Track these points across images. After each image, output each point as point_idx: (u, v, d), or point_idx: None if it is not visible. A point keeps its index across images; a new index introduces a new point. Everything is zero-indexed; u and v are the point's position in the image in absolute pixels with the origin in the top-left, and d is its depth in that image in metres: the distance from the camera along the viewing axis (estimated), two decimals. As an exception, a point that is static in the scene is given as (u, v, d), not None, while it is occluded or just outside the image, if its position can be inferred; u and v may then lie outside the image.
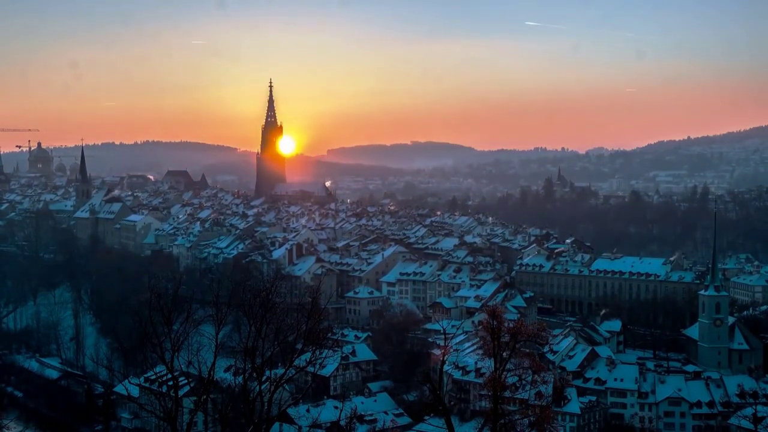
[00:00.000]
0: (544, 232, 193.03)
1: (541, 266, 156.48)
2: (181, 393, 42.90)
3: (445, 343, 62.50)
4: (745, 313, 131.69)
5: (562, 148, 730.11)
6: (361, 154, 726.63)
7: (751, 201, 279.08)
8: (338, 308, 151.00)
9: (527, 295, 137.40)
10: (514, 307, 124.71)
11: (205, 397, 37.01)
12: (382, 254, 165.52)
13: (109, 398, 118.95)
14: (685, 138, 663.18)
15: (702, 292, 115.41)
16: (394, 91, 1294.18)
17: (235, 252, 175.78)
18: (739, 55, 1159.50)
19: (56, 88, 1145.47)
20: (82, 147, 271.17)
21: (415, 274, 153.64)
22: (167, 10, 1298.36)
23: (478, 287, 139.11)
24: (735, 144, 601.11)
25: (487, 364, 52.14)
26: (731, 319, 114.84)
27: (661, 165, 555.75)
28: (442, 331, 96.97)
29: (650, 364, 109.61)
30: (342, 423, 74.48)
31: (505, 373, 45.73)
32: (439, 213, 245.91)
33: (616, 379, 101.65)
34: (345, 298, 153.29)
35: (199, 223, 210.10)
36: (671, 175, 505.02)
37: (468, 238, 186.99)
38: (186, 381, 50.53)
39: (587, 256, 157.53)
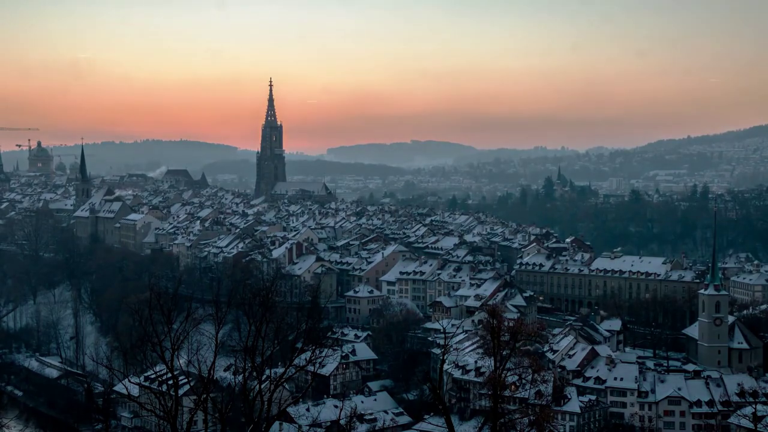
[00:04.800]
0: (544, 231, 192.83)
1: (541, 265, 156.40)
2: (181, 392, 42.93)
3: (445, 342, 62.43)
4: (744, 312, 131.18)
5: (562, 147, 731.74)
6: (361, 153, 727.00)
7: (751, 200, 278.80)
8: (338, 307, 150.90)
9: (527, 294, 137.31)
10: (514, 306, 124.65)
11: (205, 396, 37.00)
12: (382, 253, 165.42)
13: (109, 397, 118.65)
14: (685, 137, 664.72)
15: (702, 291, 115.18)
16: (394, 89, 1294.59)
17: (235, 251, 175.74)
18: (740, 55, 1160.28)
19: (56, 87, 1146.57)
20: (82, 146, 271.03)
21: (415, 273, 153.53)
22: (167, 9, 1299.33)
23: (478, 286, 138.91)
24: (735, 143, 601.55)
25: (487, 363, 52.19)
26: (731, 318, 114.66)
27: (661, 164, 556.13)
28: (442, 331, 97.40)
29: (650, 363, 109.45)
30: (342, 422, 74.53)
31: (505, 372, 45.78)
32: (439, 212, 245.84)
33: (616, 378, 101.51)
34: (345, 297, 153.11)
35: (199, 222, 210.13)
36: (671, 174, 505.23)
37: (468, 237, 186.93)
38: (186, 380, 50.59)
39: (587, 256, 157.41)
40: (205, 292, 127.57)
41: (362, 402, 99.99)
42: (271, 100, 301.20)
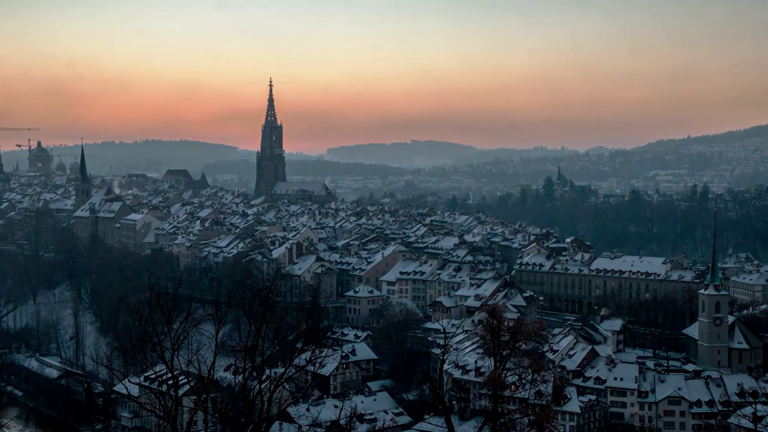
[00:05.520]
0: (544, 231, 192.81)
1: (541, 265, 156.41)
2: (181, 392, 42.91)
3: (445, 342, 62.44)
4: (744, 312, 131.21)
5: (562, 147, 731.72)
6: (361, 153, 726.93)
7: (751, 200, 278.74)
8: (338, 307, 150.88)
9: (527, 294, 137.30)
10: (515, 306, 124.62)
11: (205, 396, 36.99)
12: (382, 253, 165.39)
13: (109, 397, 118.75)
14: (685, 137, 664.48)
15: (702, 291, 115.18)
16: (394, 89, 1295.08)
17: (235, 251, 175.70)
18: (740, 55, 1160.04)
19: (56, 87, 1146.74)
20: (82, 146, 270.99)
21: (415, 273, 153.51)
22: (167, 9, 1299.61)
23: (478, 286, 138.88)
24: (735, 143, 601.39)
25: (487, 363, 52.22)
26: (731, 318, 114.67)
27: (661, 164, 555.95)
28: (442, 331, 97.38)
29: (650, 363, 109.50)
30: (342, 422, 74.52)
31: (505, 372, 45.80)
32: (439, 212, 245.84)
33: (616, 378, 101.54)
34: (345, 297, 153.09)
35: (199, 222, 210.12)
36: (671, 174, 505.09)
37: (468, 237, 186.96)
38: (186, 380, 50.58)
39: (587, 255, 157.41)
40: (205, 292, 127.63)
41: (362, 402, 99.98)
42: (271, 100, 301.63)
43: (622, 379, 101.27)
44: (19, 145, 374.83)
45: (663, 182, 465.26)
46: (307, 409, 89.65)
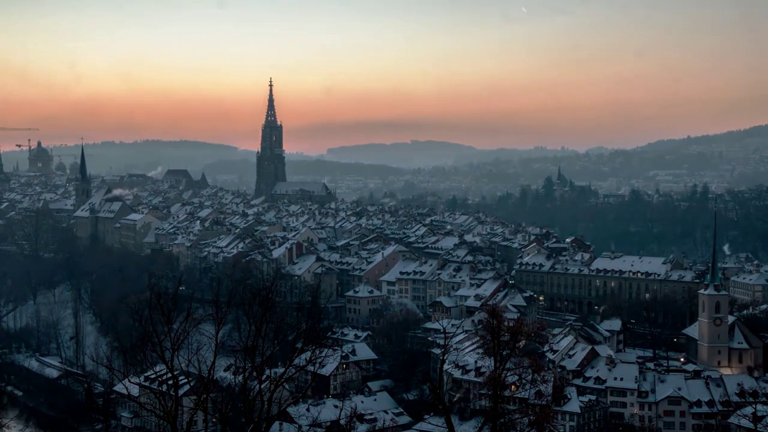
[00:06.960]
0: (544, 231, 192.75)
1: (541, 265, 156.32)
2: (181, 392, 42.90)
3: (445, 342, 62.43)
4: (744, 312, 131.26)
5: (562, 147, 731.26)
6: (361, 153, 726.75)
7: (751, 200, 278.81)
8: (338, 307, 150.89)
9: (527, 294, 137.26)
10: (515, 306, 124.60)
11: (205, 396, 36.99)
12: (382, 253, 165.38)
13: (109, 397, 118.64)
14: (685, 137, 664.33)
15: (702, 291, 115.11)
16: (394, 90, 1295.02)
17: (235, 251, 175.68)
18: (740, 55, 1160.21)
19: (56, 87, 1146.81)
20: (82, 146, 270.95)
21: (415, 273, 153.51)
22: (167, 8, 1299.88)
23: (478, 286, 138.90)
24: (735, 143, 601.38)
25: (487, 363, 52.17)
26: (731, 318, 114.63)
27: (661, 164, 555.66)
28: (442, 331, 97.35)
29: (650, 364, 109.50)
30: (342, 422, 74.44)
31: (505, 372, 45.75)
32: (438, 212, 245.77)
33: (616, 379, 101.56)
34: (345, 297, 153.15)
35: (199, 222, 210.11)
36: (671, 174, 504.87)
37: (468, 237, 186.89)
38: (186, 380, 50.56)
39: (587, 256, 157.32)
40: (205, 292, 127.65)
41: (362, 402, 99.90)
42: (271, 100, 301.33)
43: (622, 379, 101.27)
44: (19, 145, 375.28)
45: (663, 182, 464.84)
46: (307, 409, 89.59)
